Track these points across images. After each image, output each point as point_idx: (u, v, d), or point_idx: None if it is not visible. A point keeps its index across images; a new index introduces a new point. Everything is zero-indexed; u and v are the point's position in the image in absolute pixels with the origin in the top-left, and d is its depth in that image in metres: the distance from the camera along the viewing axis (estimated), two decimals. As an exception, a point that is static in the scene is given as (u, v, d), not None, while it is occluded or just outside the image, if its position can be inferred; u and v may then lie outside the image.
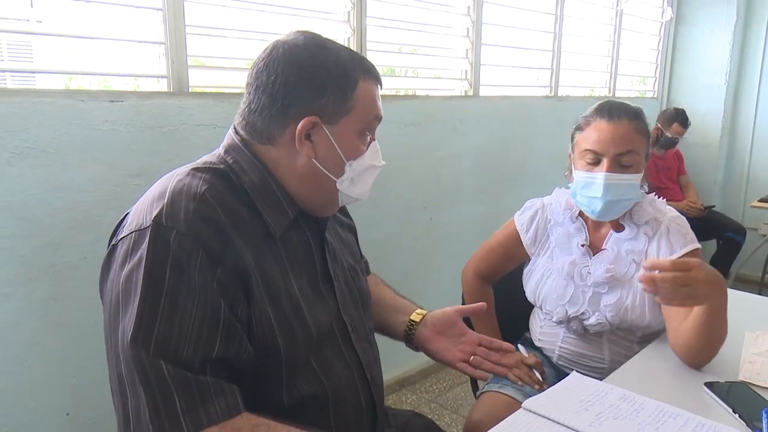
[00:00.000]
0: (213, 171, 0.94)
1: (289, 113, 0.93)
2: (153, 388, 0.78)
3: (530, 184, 3.39)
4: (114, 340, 0.83)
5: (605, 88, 4.11)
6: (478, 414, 1.45)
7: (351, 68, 0.96)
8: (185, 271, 0.82)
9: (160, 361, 0.78)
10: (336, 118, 0.95)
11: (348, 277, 1.11)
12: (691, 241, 1.41)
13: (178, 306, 0.81)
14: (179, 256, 0.82)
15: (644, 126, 1.44)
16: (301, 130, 0.93)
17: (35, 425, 1.69)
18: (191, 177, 0.91)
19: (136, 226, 0.86)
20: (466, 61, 2.91)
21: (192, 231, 0.84)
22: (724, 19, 4.39)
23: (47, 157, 1.63)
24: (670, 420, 1.06)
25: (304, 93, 0.93)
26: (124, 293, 0.82)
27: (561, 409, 1.09)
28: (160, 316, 0.80)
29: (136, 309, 0.80)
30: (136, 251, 0.83)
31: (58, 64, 1.76)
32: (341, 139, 0.96)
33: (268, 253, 0.93)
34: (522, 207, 1.64)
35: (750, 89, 4.55)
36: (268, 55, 0.95)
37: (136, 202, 0.93)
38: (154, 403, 0.77)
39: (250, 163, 0.96)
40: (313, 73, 0.93)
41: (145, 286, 0.81)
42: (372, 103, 0.98)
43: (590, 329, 1.48)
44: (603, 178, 1.39)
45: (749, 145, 4.60)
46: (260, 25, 2.09)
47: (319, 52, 0.95)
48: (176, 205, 0.86)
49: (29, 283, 1.64)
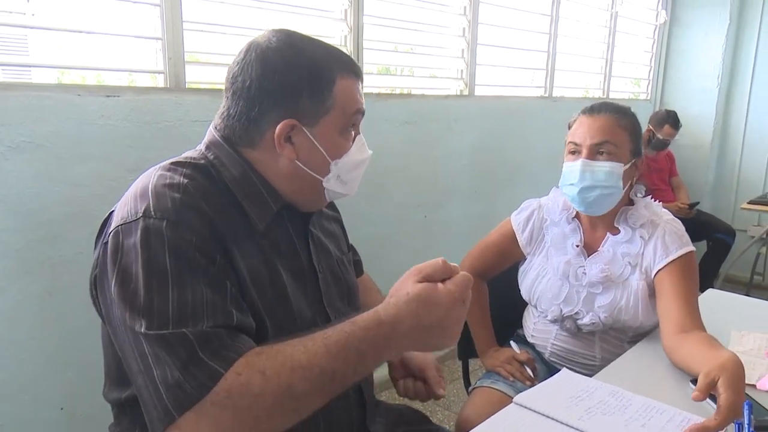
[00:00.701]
0: (193, 166, 0.93)
1: (266, 118, 0.93)
2: (177, 349, 0.78)
3: (524, 184, 3.42)
4: (128, 332, 0.82)
5: (599, 90, 4.15)
6: (470, 409, 1.47)
7: (326, 67, 0.95)
8: (184, 254, 0.82)
9: (182, 329, 0.79)
10: (315, 119, 0.94)
11: (335, 269, 1.11)
12: (686, 244, 1.43)
13: (186, 286, 0.81)
14: (175, 242, 0.82)
15: (628, 122, 1.47)
16: (279, 134, 0.93)
17: (31, 419, 1.70)
18: (172, 171, 0.91)
19: (121, 219, 0.85)
20: (462, 61, 2.93)
21: (183, 219, 0.84)
22: (717, 23, 4.43)
23: (43, 151, 1.64)
24: (657, 415, 1.08)
25: (279, 97, 0.92)
26: (125, 287, 0.82)
27: (551, 404, 1.11)
28: (171, 300, 0.80)
29: (144, 300, 0.80)
30: (128, 244, 0.83)
31: (54, 59, 1.76)
32: (323, 139, 0.96)
33: (251, 244, 0.93)
34: (519, 207, 1.66)
35: (741, 92, 4.59)
36: (243, 59, 0.94)
37: (120, 200, 0.92)
38: (182, 361, 0.77)
39: (231, 158, 0.95)
40: (288, 76, 0.92)
41: (148, 277, 0.80)
42: (352, 99, 0.98)
43: (583, 328, 1.50)
44: (580, 164, 1.43)
45: (740, 148, 4.65)
46: (257, 21, 2.10)
47: (292, 53, 0.94)
48: (162, 198, 0.86)
49: (25, 277, 1.65)
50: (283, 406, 0.79)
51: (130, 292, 0.81)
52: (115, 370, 0.97)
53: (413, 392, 1.22)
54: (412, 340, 0.83)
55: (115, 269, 0.83)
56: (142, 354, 0.79)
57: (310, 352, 0.79)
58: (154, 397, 0.78)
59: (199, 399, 0.76)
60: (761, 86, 4.50)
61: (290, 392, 0.78)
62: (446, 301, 0.82)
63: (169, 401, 0.77)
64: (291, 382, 0.78)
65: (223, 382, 0.77)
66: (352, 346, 0.80)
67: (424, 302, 0.81)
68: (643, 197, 1.53)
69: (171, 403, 0.77)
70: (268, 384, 0.77)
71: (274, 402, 0.78)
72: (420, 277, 0.83)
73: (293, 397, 0.79)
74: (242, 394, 0.77)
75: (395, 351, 0.85)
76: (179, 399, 0.76)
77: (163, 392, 0.77)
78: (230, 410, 0.77)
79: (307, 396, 0.80)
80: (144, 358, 0.79)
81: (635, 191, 1.53)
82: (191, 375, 0.76)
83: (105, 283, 0.86)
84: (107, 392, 1.02)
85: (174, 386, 0.77)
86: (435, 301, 0.81)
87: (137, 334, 0.80)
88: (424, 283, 0.82)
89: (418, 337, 0.83)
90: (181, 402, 0.76)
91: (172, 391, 0.77)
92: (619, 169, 1.43)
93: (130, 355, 0.82)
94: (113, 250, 0.84)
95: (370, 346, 0.81)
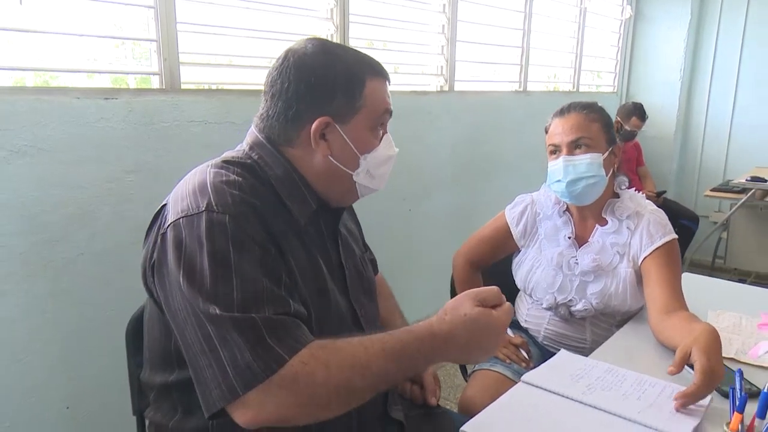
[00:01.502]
0: (242, 165, 1.01)
1: (303, 117, 1.01)
2: (246, 332, 0.84)
3: (502, 176, 3.52)
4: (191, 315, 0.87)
5: (569, 83, 4.27)
6: (471, 390, 1.55)
7: (358, 70, 1.03)
8: (245, 247, 0.89)
9: (250, 314, 0.85)
10: (347, 117, 1.02)
11: (359, 266, 1.19)
12: (669, 232, 1.54)
13: (248, 275, 0.87)
14: (237, 235, 0.89)
15: (597, 115, 1.58)
16: (315, 131, 1.00)
17: (35, 419, 1.72)
18: (225, 170, 0.98)
19: (182, 212, 0.91)
20: (442, 57, 3.01)
21: (243, 214, 0.91)
22: (679, 18, 4.61)
23: (43, 154, 1.65)
24: (650, 388, 1.17)
25: (315, 98, 1.00)
26: (191, 274, 0.87)
27: (555, 381, 1.19)
28: (235, 287, 0.86)
29: (210, 286, 0.85)
30: (192, 235, 0.89)
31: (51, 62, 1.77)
32: (354, 136, 1.03)
33: (295, 239, 1.00)
34: (513, 201, 1.75)
35: (702, 84, 4.79)
36: (281, 64, 1.02)
37: (172, 195, 0.98)
38: (251, 344, 0.83)
39: (274, 158, 1.03)
40: (323, 78, 1.00)
41: (213, 266, 0.86)
42: (381, 99, 1.06)
43: (576, 314, 1.60)
44: (561, 161, 1.54)
45: (701, 138, 4.85)
46: (247, 22, 2.14)
47: (326, 58, 1.02)
48: (222, 193, 0.92)
49: (28, 279, 1.66)
50: (339, 398, 0.87)
51: (196, 279, 0.86)
52: (160, 354, 1.01)
53: (409, 394, 1.33)
54: (459, 354, 0.95)
55: (181, 258, 0.88)
56: (207, 336, 0.85)
57: (370, 353, 0.88)
58: (219, 376, 0.83)
59: (265, 380, 0.82)
60: (721, 79, 4.70)
61: (349, 387, 0.86)
62: (498, 326, 0.94)
63: (236, 380, 0.82)
64: (351, 377, 0.86)
65: (289, 367, 0.83)
66: (406, 353, 0.90)
67: (481, 326, 0.93)
68: (626, 189, 1.63)
69: (238, 381, 0.82)
70: (331, 377, 0.85)
71: (334, 393, 0.86)
72: (477, 301, 0.94)
73: (350, 391, 0.87)
74: (308, 382, 0.83)
75: (442, 360, 0.95)
76: (246, 378, 0.82)
77: (231, 371, 0.83)
78: (294, 395, 0.83)
79: (361, 391, 0.89)
80: (209, 339, 0.84)
81: (619, 184, 1.63)
82: (260, 357, 0.83)
83: (164, 270, 0.91)
84: (148, 377, 1.07)
85: (243, 366, 0.82)
86: (490, 326, 0.94)
87: (205, 316, 0.85)
88: (482, 308, 0.94)
89: (465, 353, 0.95)
90: (248, 381, 0.82)
91: (241, 370, 0.82)
92: (598, 158, 1.53)
93: (193, 338, 0.87)
94: (176, 240, 0.90)
95: (422, 355, 0.91)
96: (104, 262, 1.80)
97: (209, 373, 0.85)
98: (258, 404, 0.83)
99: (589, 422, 1.07)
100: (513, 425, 1.05)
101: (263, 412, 0.83)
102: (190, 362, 0.89)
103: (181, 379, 0.98)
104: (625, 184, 1.63)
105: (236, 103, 2.07)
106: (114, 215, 1.81)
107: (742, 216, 4.10)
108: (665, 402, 1.12)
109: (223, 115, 2.03)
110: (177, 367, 0.99)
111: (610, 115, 1.62)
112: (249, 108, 2.04)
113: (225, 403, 0.83)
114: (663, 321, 1.39)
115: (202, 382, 0.86)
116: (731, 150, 4.72)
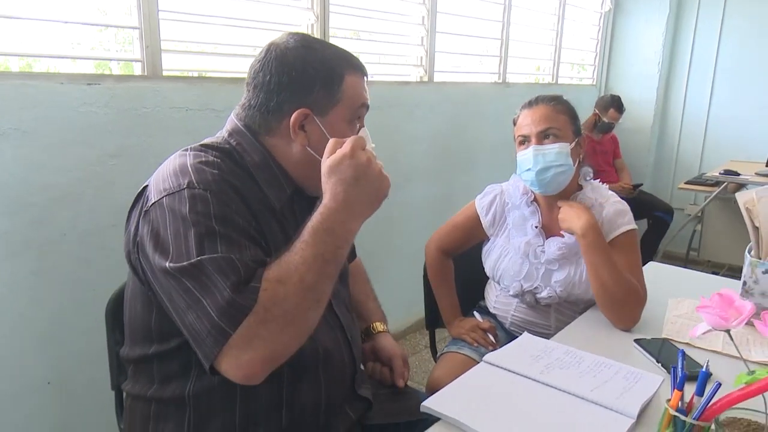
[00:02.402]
0: (220, 149, 1.06)
1: (283, 108, 1.06)
2: (226, 271, 0.89)
3: (481, 167, 3.59)
4: (172, 276, 0.91)
5: (549, 75, 4.34)
6: (439, 371, 1.63)
7: (337, 64, 1.08)
8: (228, 217, 0.95)
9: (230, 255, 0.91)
10: (326, 109, 1.07)
11: None
12: (628, 223, 1.61)
13: (233, 242, 0.93)
14: (219, 206, 0.95)
15: (563, 107, 1.65)
16: (294, 122, 1.06)
17: (20, 393, 1.77)
18: (204, 153, 1.03)
19: (165, 191, 0.96)
20: (422, 48, 3.06)
21: (223, 190, 0.97)
22: (657, 12, 4.68)
23: (28, 138, 1.69)
24: (605, 369, 1.25)
25: (295, 90, 1.06)
26: (176, 246, 0.92)
27: (515, 361, 1.27)
28: (220, 251, 0.91)
29: (196, 252, 0.90)
30: (175, 211, 0.94)
31: (37, 48, 1.79)
32: (332, 128, 1.08)
33: (272, 221, 1.06)
34: (483, 191, 1.81)
35: (680, 78, 4.87)
36: (264, 57, 1.08)
37: (154, 176, 1.03)
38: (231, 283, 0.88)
39: (252, 145, 1.08)
40: (303, 72, 1.06)
41: (199, 237, 0.91)
42: (358, 93, 1.11)
43: (542, 302, 1.67)
44: (531, 150, 1.60)
45: (678, 131, 4.94)
46: (228, 11, 2.18)
47: (307, 52, 1.07)
48: (202, 173, 0.98)
49: (12, 258, 1.71)
50: (306, 299, 0.92)
51: (181, 248, 0.91)
52: (141, 328, 1.06)
53: (379, 375, 1.39)
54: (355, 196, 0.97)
55: (167, 231, 0.93)
56: (187, 290, 0.90)
57: (297, 251, 0.93)
58: (207, 323, 0.88)
59: (249, 311, 0.88)
60: (698, 72, 4.78)
61: (305, 285, 0.91)
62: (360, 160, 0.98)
63: (222, 321, 0.87)
64: (301, 276, 0.91)
65: (258, 302, 0.89)
66: (319, 229, 0.95)
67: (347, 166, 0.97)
68: (590, 180, 1.70)
69: (225, 321, 0.87)
70: (288, 287, 0.91)
71: (299, 299, 0.91)
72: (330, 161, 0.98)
73: (310, 289, 0.92)
74: (274, 303, 0.89)
75: (352, 215, 0.98)
76: (231, 315, 0.87)
77: (216, 315, 0.88)
78: (272, 322, 0.89)
79: (318, 283, 0.94)
80: (189, 293, 0.90)
81: (584, 175, 1.69)
82: (239, 292, 0.88)
83: (148, 245, 0.96)
84: (128, 351, 1.12)
85: (226, 306, 0.87)
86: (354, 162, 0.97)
87: (183, 271, 0.90)
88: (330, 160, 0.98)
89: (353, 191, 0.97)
90: (233, 316, 0.87)
91: (224, 310, 0.87)
92: (566, 148, 1.60)
93: (178, 298, 0.91)
94: (161, 216, 0.95)
95: (333, 222, 0.95)
96: (86, 243, 1.85)
97: (198, 326, 0.89)
98: (245, 344, 0.88)
99: (543, 399, 1.14)
100: (471, 402, 1.12)
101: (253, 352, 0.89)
102: (183, 325, 0.92)
103: (160, 351, 1.04)
104: (590, 175, 1.70)
105: (217, 90, 2.12)
106: (96, 198, 1.85)
107: (715, 209, 4.19)
108: (619, 382, 1.19)
109: (204, 102, 2.07)
110: (156, 341, 1.05)
111: (574, 109, 1.69)
112: (229, 95, 2.10)
113: (219, 347, 0.88)
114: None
115: (196, 337, 0.91)
116: (707, 143, 4.81)
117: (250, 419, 1.06)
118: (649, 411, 1.11)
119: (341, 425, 1.19)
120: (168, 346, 1.03)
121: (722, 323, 0.85)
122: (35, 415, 1.82)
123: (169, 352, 1.04)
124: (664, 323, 1.53)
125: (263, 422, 1.07)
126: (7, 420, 1.76)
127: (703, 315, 0.88)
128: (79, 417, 1.90)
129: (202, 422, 1.05)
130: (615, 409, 1.09)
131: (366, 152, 1.00)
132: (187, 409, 1.05)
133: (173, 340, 1.02)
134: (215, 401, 1.04)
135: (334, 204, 0.96)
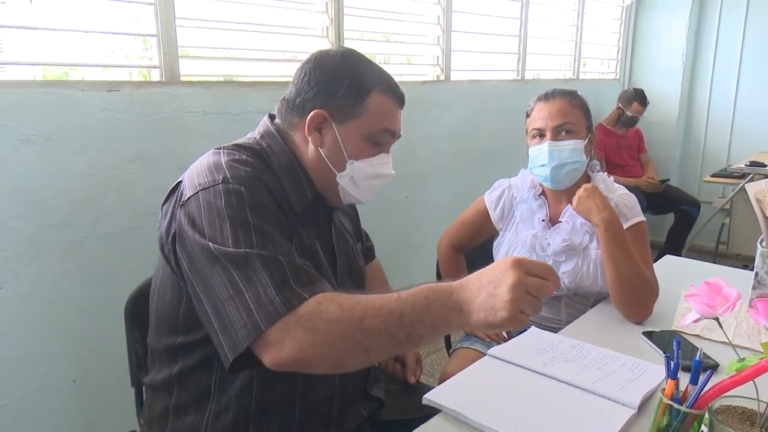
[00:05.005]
0: (251, 150, 1.10)
1: (306, 106, 1.10)
2: (273, 271, 0.90)
3: (498, 164, 3.58)
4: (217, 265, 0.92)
5: (570, 71, 4.30)
6: (451, 366, 1.64)
7: (368, 80, 1.11)
8: (261, 212, 0.97)
9: (278, 256, 0.93)
10: (344, 118, 1.10)
11: (350, 255, 1.28)
12: (636, 215, 1.61)
13: (267, 235, 0.95)
14: (253, 201, 0.97)
15: (579, 102, 1.65)
16: (310, 120, 1.09)
17: (45, 391, 1.84)
18: (237, 152, 1.07)
19: (200, 186, 0.99)
20: (438, 48, 3.07)
21: (256, 186, 1.00)
22: (681, 4, 4.61)
23: (50, 143, 1.76)
24: (611, 361, 1.25)
25: (320, 91, 1.10)
26: (213, 236, 0.94)
27: (520, 355, 1.28)
28: (256, 244, 0.93)
29: (232, 243, 0.92)
30: (211, 204, 0.96)
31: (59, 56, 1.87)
32: (346, 138, 1.11)
33: (295, 222, 1.09)
34: (491, 186, 1.82)
35: (705, 70, 4.78)
36: (307, 59, 1.14)
37: (188, 173, 1.07)
38: (276, 283, 0.90)
39: (281, 148, 1.12)
40: (332, 76, 1.10)
41: (234, 228, 0.94)
42: (384, 116, 1.13)
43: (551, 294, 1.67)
44: (547, 146, 1.59)
45: (704, 124, 4.86)
46: (243, 16, 2.22)
47: (343, 60, 1.12)
48: (236, 170, 1.01)
49: (37, 260, 1.77)
50: (354, 337, 0.87)
51: (219, 239, 0.93)
52: (169, 318, 1.09)
53: (391, 370, 1.42)
54: (472, 299, 0.87)
55: (204, 223, 0.95)
56: (233, 281, 0.90)
57: (384, 298, 0.89)
58: (245, 315, 0.88)
59: (286, 314, 0.87)
60: (723, 64, 4.69)
61: (361, 324, 0.87)
62: (518, 281, 0.87)
63: (259, 316, 0.87)
64: (363, 315, 0.87)
65: (305, 306, 0.88)
66: (420, 294, 0.88)
67: (499, 273, 0.87)
68: (598, 173, 1.70)
69: (261, 317, 0.87)
70: (343, 313, 0.87)
71: (346, 330, 0.87)
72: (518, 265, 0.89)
73: (363, 330, 0.87)
74: (320, 318, 0.87)
75: (455, 311, 0.88)
76: (269, 313, 0.87)
77: (255, 309, 0.88)
78: (311, 332, 0.87)
79: (376, 333, 0.87)
80: (234, 284, 0.90)
81: (591, 167, 1.69)
82: (282, 294, 0.89)
83: (186, 236, 0.97)
84: (154, 342, 1.15)
85: (266, 302, 0.88)
86: (506, 276, 0.87)
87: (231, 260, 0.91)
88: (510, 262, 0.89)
89: (476, 299, 0.87)
90: (271, 315, 0.87)
91: (264, 307, 0.88)
92: (580, 145, 1.60)
93: (220, 286, 0.91)
94: (196, 209, 0.97)
95: (438, 297, 0.88)
96: (108, 245, 1.91)
97: (236, 316, 0.89)
98: (278, 341, 0.87)
99: (545, 391, 1.15)
100: (471, 394, 1.13)
101: (283, 350, 0.87)
102: (216, 315, 0.92)
103: (186, 342, 1.07)
104: (597, 167, 1.70)
105: (233, 94, 2.15)
106: (117, 201, 1.91)
107: (742, 201, 4.09)
108: (624, 374, 1.20)
109: (221, 105, 2.12)
110: (182, 332, 1.08)
111: (587, 104, 1.68)
112: (245, 99, 2.15)
113: (250, 340, 0.87)
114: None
115: (227, 327, 0.90)
116: (734, 135, 4.72)
117: (265, 411, 1.09)
118: (652, 402, 1.11)
119: (352, 421, 1.22)
120: (194, 337, 1.06)
121: (709, 311, 0.86)
122: (61, 412, 1.89)
123: (194, 343, 1.07)
124: (675, 316, 1.52)
125: (278, 415, 1.10)
126: (35, 416, 1.83)
127: (692, 303, 0.88)
128: (104, 414, 1.97)
129: (220, 414, 1.08)
130: (616, 399, 1.10)
131: (534, 283, 0.90)
132: (209, 402, 1.08)
133: (199, 332, 1.03)
134: (232, 394, 1.08)
135: (463, 292, 0.88)
